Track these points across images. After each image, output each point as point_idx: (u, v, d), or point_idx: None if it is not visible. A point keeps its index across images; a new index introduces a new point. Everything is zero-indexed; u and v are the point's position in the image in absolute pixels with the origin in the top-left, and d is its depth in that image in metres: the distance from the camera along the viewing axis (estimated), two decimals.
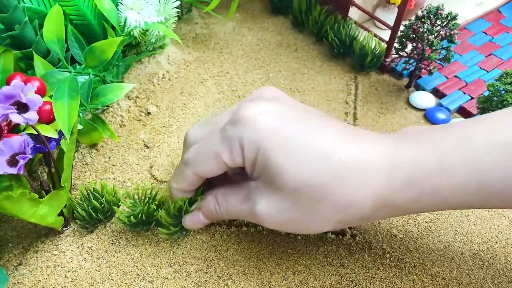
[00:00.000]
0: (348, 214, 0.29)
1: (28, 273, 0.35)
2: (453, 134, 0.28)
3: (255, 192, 0.30)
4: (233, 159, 0.30)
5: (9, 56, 0.38)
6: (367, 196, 0.28)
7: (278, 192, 0.29)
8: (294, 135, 0.28)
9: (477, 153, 0.27)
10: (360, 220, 0.30)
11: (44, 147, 0.33)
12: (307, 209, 0.29)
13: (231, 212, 0.32)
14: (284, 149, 0.28)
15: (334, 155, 0.28)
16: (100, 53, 0.39)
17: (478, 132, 0.27)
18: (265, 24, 0.58)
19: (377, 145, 0.29)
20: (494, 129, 0.27)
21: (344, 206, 0.28)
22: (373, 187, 0.28)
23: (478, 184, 0.27)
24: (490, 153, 0.26)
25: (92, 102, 0.40)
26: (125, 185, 0.41)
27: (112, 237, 0.37)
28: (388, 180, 0.28)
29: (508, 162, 0.26)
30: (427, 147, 0.28)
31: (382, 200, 0.28)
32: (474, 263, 0.36)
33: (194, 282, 0.34)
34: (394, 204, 0.28)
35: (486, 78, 0.50)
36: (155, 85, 0.49)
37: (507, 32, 0.56)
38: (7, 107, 0.29)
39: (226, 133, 0.29)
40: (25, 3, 0.40)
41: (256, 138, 0.28)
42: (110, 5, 0.43)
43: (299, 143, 0.28)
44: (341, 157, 0.28)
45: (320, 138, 0.28)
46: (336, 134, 0.29)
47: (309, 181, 0.28)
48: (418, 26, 0.45)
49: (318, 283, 0.34)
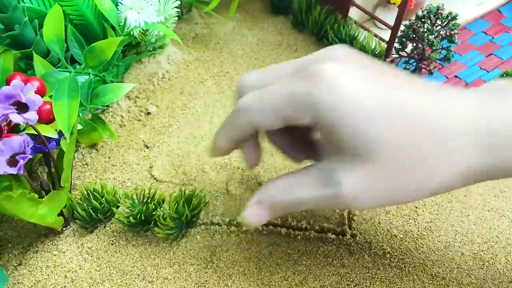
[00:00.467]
0: (447, 175, 0.26)
1: (28, 273, 0.35)
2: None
3: (335, 171, 0.26)
4: (298, 118, 0.26)
5: (9, 56, 0.38)
6: (466, 162, 0.26)
7: (368, 165, 0.25)
8: (377, 98, 0.25)
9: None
10: (460, 183, 0.27)
11: (44, 147, 0.33)
12: (403, 177, 0.26)
13: (303, 201, 0.28)
14: (372, 115, 0.25)
15: (424, 115, 0.25)
16: (100, 53, 0.39)
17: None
18: (265, 24, 0.58)
19: (468, 102, 0.26)
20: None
21: (443, 171, 0.26)
22: (470, 148, 0.25)
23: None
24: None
25: (92, 102, 0.40)
26: (125, 185, 0.41)
27: (112, 237, 0.37)
28: (487, 142, 0.25)
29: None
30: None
31: (481, 162, 0.26)
32: (474, 263, 0.36)
33: (194, 282, 0.34)
34: (493, 166, 0.26)
35: (486, 78, 0.50)
36: (155, 85, 0.49)
37: (507, 32, 0.56)
38: (7, 107, 0.29)
39: (295, 87, 0.26)
40: (25, 3, 0.40)
41: (335, 101, 0.25)
42: (110, 5, 0.43)
43: (383, 106, 0.25)
44: (432, 116, 0.25)
45: (405, 99, 0.26)
46: (420, 93, 0.26)
47: (404, 146, 0.25)
48: (418, 26, 0.45)
49: (318, 283, 0.34)
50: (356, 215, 0.38)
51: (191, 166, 0.42)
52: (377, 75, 0.27)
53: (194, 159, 0.43)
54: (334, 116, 0.25)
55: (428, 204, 0.39)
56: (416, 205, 0.39)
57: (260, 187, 0.29)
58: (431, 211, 0.39)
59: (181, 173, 0.42)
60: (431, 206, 0.39)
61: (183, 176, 0.41)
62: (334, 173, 0.26)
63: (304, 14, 0.55)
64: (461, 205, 0.39)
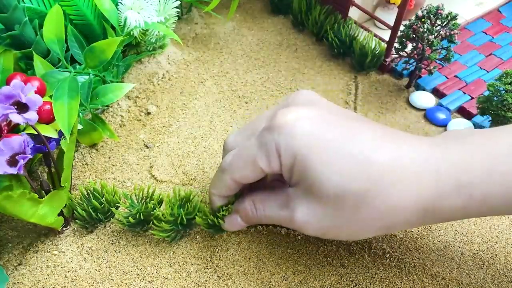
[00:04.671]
0: (392, 220, 0.28)
1: (28, 273, 0.35)
2: (505, 142, 0.27)
3: (294, 199, 0.30)
4: (270, 166, 0.29)
5: (9, 56, 0.38)
6: (412, 202, 0.27)
7: (318, 199, 0.28)
8: (332, 140, 0.28)
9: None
10: (403, 226, 0.29)
11: (44, 147, 0.33)
12: (349, 216, 0.28)
13: (269, 217, 0.32)
14: (323, 156, 0.27)
15: (376, 160, 0.27)
16: (100, 53, 0.39)
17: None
18: (265, 24, 0.58)
19: (421, 148, 0.28)
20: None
21: (388, 212, 0.27)
22: (419, 192, 0.27)
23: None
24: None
25: (92, 102, 0.40)
26: (125, 185, 0.41)
27: (112, 237, 0.37)
28: (435, 185, 0.27)
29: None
30: (478, 152, 0.27)
31: (428, 206, 0.27)
32: (474, 263, 0.36)
33: (194, 282, 0.34)
34: (440, 210, 0.27)
35: (486, 78, 0.50)
36: (155, 85, 0.49)
37: (507, 32, 0.56)
38: (7, 107, 0.29)
39: (263, 139, 0.29)
40: (25, 3, 0.40)
41: (293, 144, 0.28)
42: (110, 5, 0.43)
43: (338, 149, 0.27)
44: (384, 161, 0.27)
45: (360, 143, 0.27)
46: (377, 138, 0.28)
47: (350, 188, 0.27)
48: (418, 26, 0.45)
49: (318, 283, 0.34)
50: None
51: (191, 166, 0.42)
52: (338, 118, 0.29)
53: (194, 159, 0.43)
54: (293, 159, 0.28)
55: None
56: None
57: (237, 201, 0.34)
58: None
59: (181, 173, 0.42)
60: None
61: (183, 176, 0.41)
62: (293, 200, 0.30)
63: (304, 14, 0.55)
64: None
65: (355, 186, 0.27)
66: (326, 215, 0.28)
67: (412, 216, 0.28)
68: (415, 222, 0.29)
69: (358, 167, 0.27)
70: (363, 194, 0.27)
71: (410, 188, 0.27)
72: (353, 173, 0.27)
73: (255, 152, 0.29)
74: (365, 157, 0.27)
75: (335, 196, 0.27)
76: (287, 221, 0.31)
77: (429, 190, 0.27)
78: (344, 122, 0.29)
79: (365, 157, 0.27)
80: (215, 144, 0.44)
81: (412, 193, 0.27)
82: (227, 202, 0.34)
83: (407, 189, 0.27)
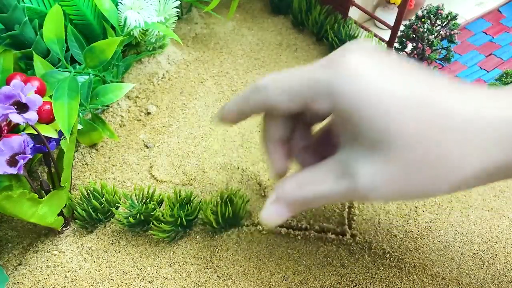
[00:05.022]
0: (467, 175, 0.25)
1: (28, 273, 0.35)
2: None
3: (352, 163, 0.25)
4: (316, 103, 0.26)
5: (9, 56, 0.38)
6: (490, 158, 0.25)
7: (387, 157, 0.24)
8: (402, 90, 0.25)
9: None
10: (475, 183, 0.27)
11: (44, 147, 0.33)
12: (422, 172, 0.25)
13: (320, 196, 0.27)
14: (392, 106, 0.24)
15: (454, 112, 0.24)
16: (100, 53, 0.39)
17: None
18: (265, 24, 0.58)
19: (498, 100, 0.25)
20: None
21: (465, 166, 0.25)
22: (497, 148, 0.25)
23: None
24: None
25: (92, 102, 0.40)
26: (125, 185, 0.41)
27: (112, 237, 0.37)
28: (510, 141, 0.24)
29: None
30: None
31: (505, 164, 0.25)
32: (474, 263, 0.36)
33: (194, 282, 0.34)
34: None
35: (486, 78, 0.50)
36: (155, 85, 0.49)
37: (507, 32, 0.56)
38: (7, 107, 0.29)
39: (316, 74, 0.26)
40: (25, 3, 0.40)
41: (354, 90, 0.24)
42: (110, 5, 0.43)
43: (409, 99, 0.24)
44: (462, 114, 0.24)
45: (434, 93, 0.25)
46: (452, 89, 0.25)
47: (425, 140, 0.24)
48: (418, 26, 0.45)
49: (318, 283, 0.34)
50: (356, 215, 0.38)
51: (191, 166, 0.42)
52: (401, 69, 0.26)
53: (194, 159, 0.43)
54: (353, 106, 0.24)
55: (428, 204, 0.39)
56: (416, 205, 0.39)
57: (277, 185, 0.28)
58: (431, 211, 0.39)
59: (181, 173, 0.42)
60: (431, 206, 0.39)
61: (183, 176, 0.41)
62: (350, 165, 0.25)
63: (304, 14, 0.55)
64: (461, 205, 0.39)
65: (431, 137, 0.24)
66: (397, 173, 0.25)
67: (485, 173, 0.25)
68: (486, 179, 0.26)
69: (428, 116, 0.24)
70: (440, 145, 0.24)
71: (489, 142, 0.25)
72: (428, 123, 0.24)
73: (303, 82, 0.26)
74: (434, 106, 0.24)
75: (406, 148, 0.24)
76: (349, 192, 0.26)
77: (505, 142, 0.25)
78: (415, 72, 0.26)
79: (434, 106, 0.24)
80: (215, 144, 0.44)
81: (491, 147, 0.25)
82: None
83: (486, 142, 0.25)
